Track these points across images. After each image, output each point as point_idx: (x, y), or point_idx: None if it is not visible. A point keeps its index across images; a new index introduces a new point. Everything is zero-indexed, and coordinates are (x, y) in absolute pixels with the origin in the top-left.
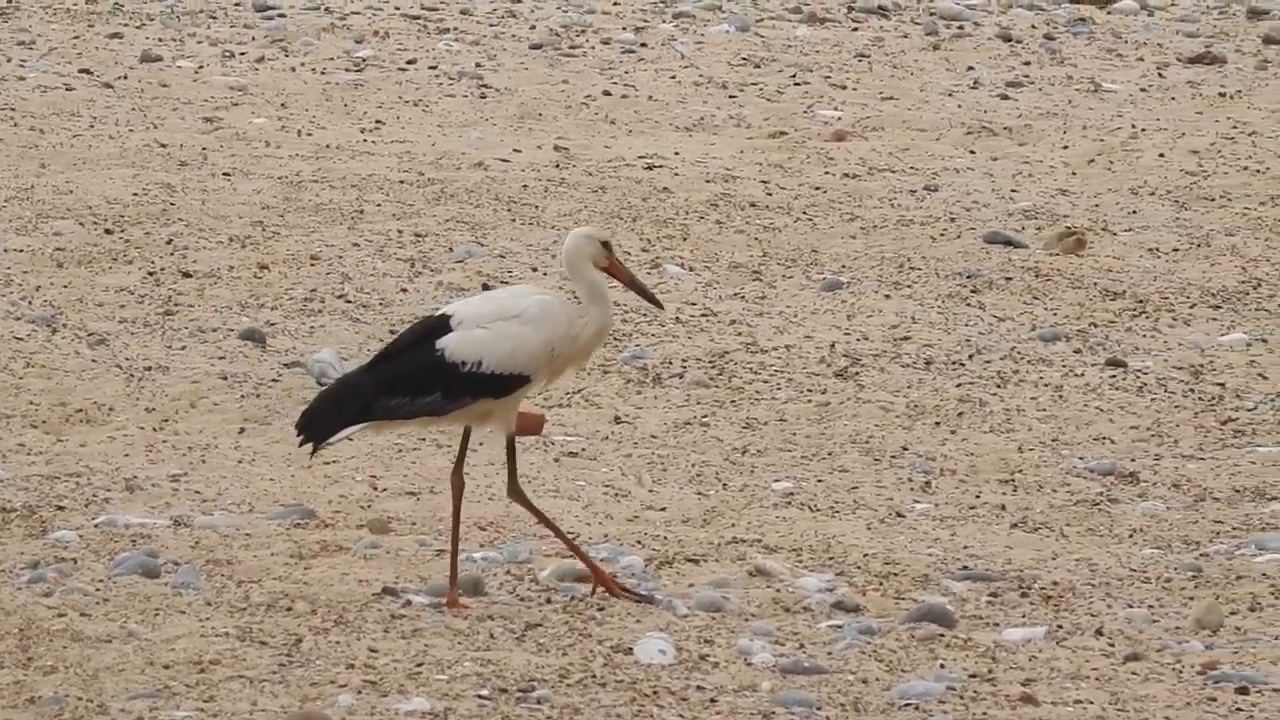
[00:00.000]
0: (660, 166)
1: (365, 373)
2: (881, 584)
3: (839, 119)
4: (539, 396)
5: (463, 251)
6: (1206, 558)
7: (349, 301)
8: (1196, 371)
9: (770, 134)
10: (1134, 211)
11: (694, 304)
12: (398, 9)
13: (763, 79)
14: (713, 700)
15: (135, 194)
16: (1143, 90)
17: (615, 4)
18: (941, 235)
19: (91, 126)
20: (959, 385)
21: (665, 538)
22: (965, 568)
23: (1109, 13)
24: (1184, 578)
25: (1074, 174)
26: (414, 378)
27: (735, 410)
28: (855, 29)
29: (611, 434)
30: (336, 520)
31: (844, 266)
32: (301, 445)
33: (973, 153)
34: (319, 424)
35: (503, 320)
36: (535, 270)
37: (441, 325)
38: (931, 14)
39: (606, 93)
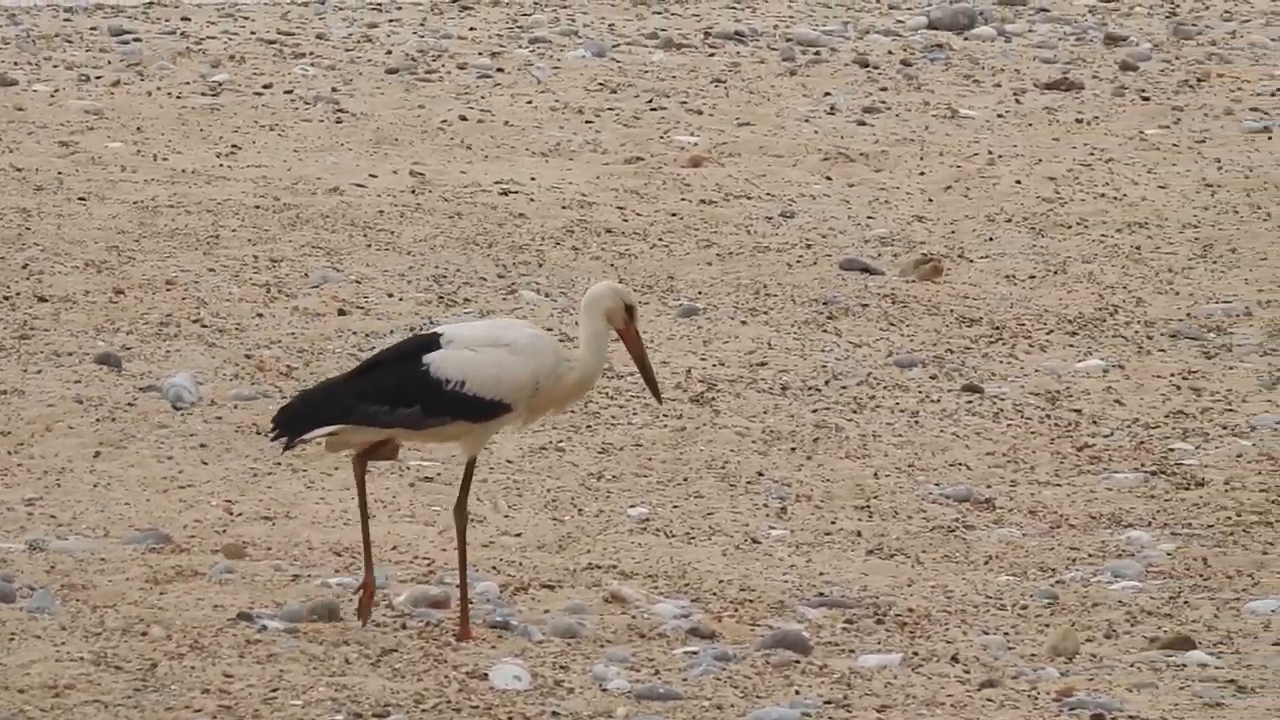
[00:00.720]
0: (516, 192)
1: (350, 378)
2: (737, 610)
3: (695, 144)
4: None
5: (318, 277)
6: (1062, 584)
7: (204, 326)
8: (1053, 398)
9: (626, 159)
10: (990, 238)
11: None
12: (254, 34)
13: (619, 104)
14: None
15: None
16: (1000, 116)
17: (471, 29)
18: (798, 262)
19: None
20: (815, 411)
21: (520, 564)
22: (821, 594)
23: (966, 39)
24: (1040, 604)
25: (930, 200)
26: (397, 388)
27: (591, 436)
28: (712, 54)
29: None
30: (192, 545)
31: (700, 293)
32: (274, 440)
33: (829, 179)
34: (296, 421)
35: (493, 346)
36: (391, 296)
37: (432, 342)
38: (788, 40)
39: (463, 118)
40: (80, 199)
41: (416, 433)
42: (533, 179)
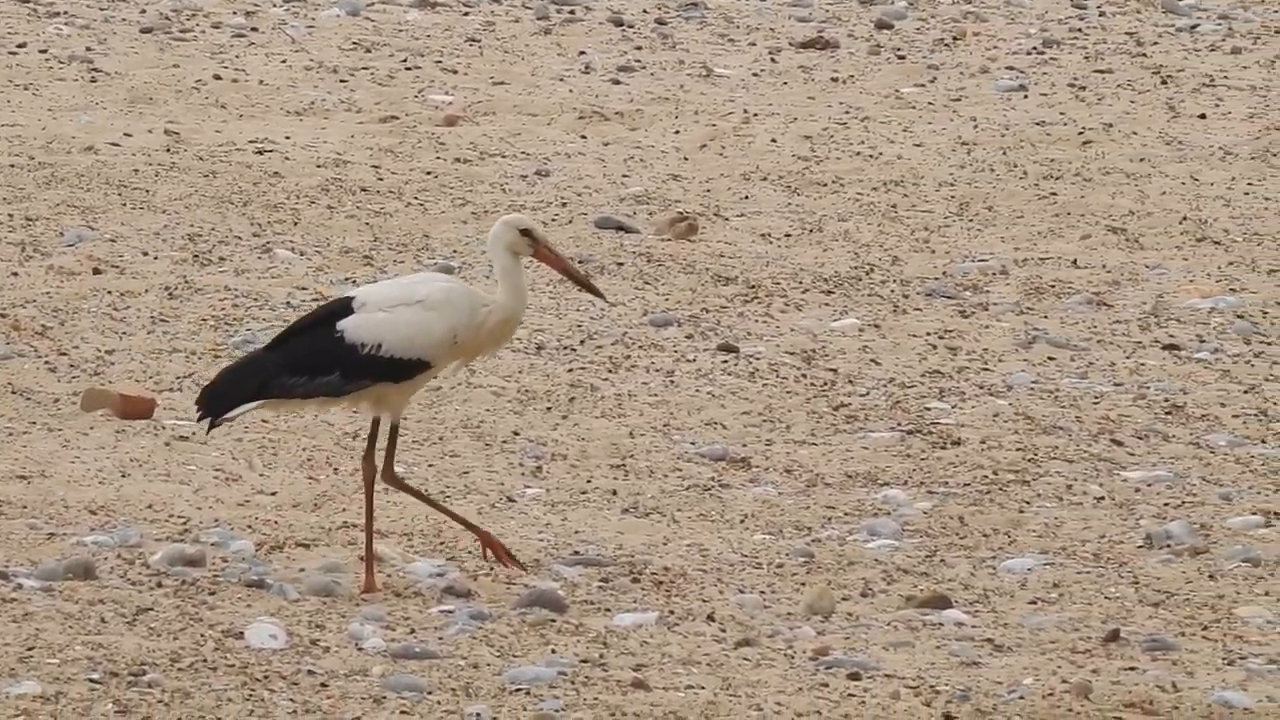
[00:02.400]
0: (271, 151)
1: (268, 350)
2: (493, 569)
3: (450, 103)
4: (147, 380)
5: (73, 236)
6: (819, 543)
7: None
8: (809, 357)
9: (381, 118)
10: (746, 197)
11: (305, 289)
12: None
13: (374, 63)
14: (324, 684)
15: None
16: (755, 75)
17: None
18: (553, 220)
19: None
20: (570, 370)
21: (276, 522)
22: (577, 553)
23: None
24: (796, 563)
25: (686, 159)
26: (313, 358)
27: None
28: (466, 13)
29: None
30: None
31: (455, 251)
32: (200, 420)
33: (584, 138)
34: (218, 399)
35: (404, 305)
36: (146, 254)
37: (344, 307)
38: None
39: (217, 77)
40: None
41: (338, 400)
42: (287, 138)
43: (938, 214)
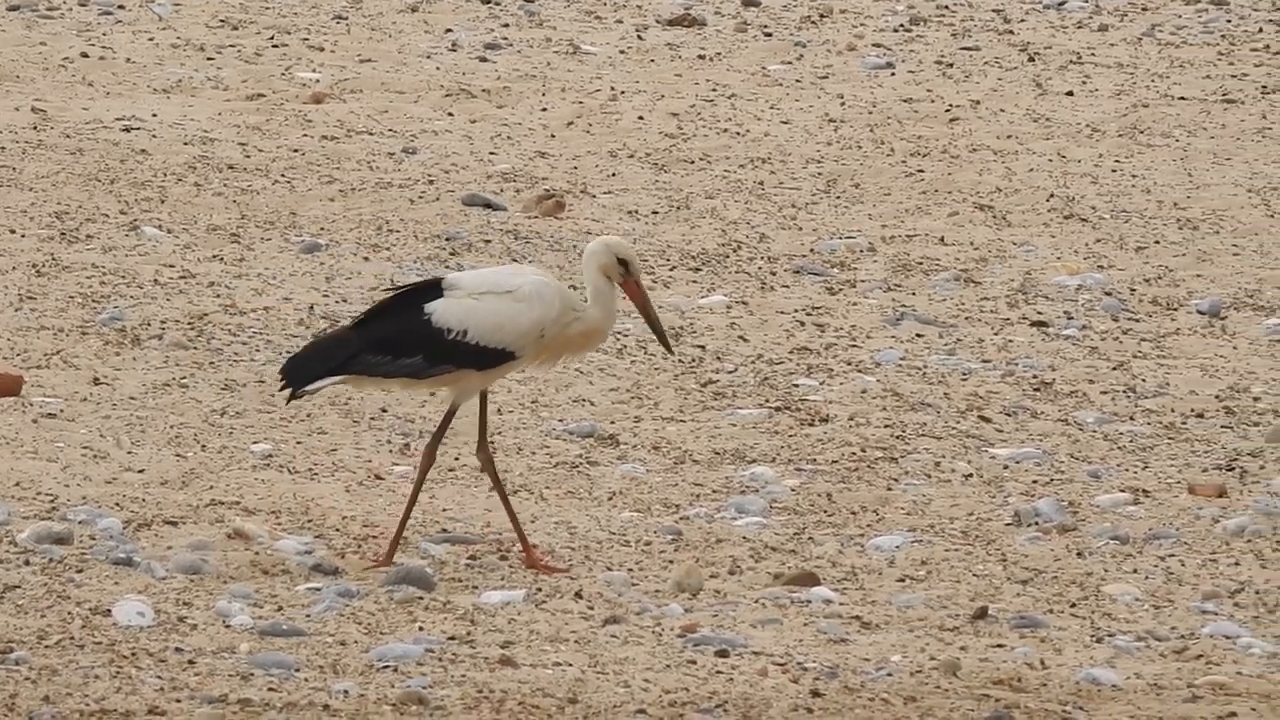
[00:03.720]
0: (138, 129)
1: (354, 327)
2: (360, 547)
3: (317, 81)
4: (15, 358)
5: None
6: (686, 521)
7: None
8: (676, 334)
9: (248, 96)
10: (613, 174)
11: (172, 266)
12: None
13: (241, 41)
14: (191, 662)
15: None
16: (622, 53)
17: None
18: (420, 198)
19: None
20: None
21: (144, 500)
22: (444, 530)
23: None
24: (664, 541)
25: (553, 136)
26: (399, 338)
27: (214, 372)
28: None
29: (90, 395)
30: None
31: (323, 229)
32: (281, 389)
33: (451, 115)
34: (301, 371)
35: (495, 294)
36: (13, 232)
37: (433, 289)
38: None
39: (84, 54)
40: None
41: (420, 382)
42: (155, 116)
43: (805, 191)
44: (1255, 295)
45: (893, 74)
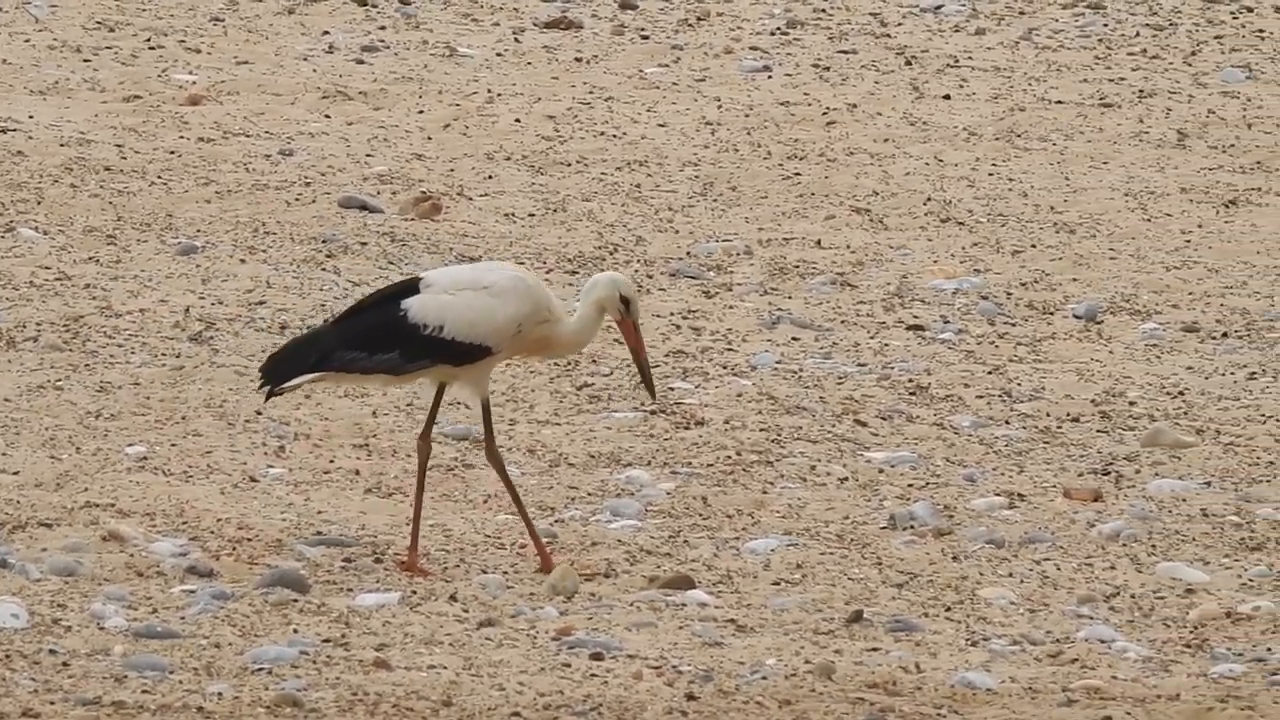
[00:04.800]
0: (14, 130)
1: (333, 324)
2: (235, 549)
3: (194, 83)
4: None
5: None
6: (562, 523)
7: None
8: None
9: (125, 98)
10: (490, 176)
11: (48, 268)
12: None
13: (117, 42)
14: (65, 664)
15: None
16: (499, 55)
17: None
18: (297, 200)
19: None
20: None
21: (18, 502)
22: (319, 533)
23: None
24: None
25: (430, 139)
26: (375, 334)
27: (89, 374)
28: None
29: None
30: None
31: (199, 231)
32: (260, 388)
33: (328, 117)
34: (279, 369)
35: (471, 290)
36: None
37: (410, 287)
38: None
39: None
40: None
41: (398, 378)
42: (31, 117)
43: (682, 194)
44: (1131, 299)
45: (770, 77)
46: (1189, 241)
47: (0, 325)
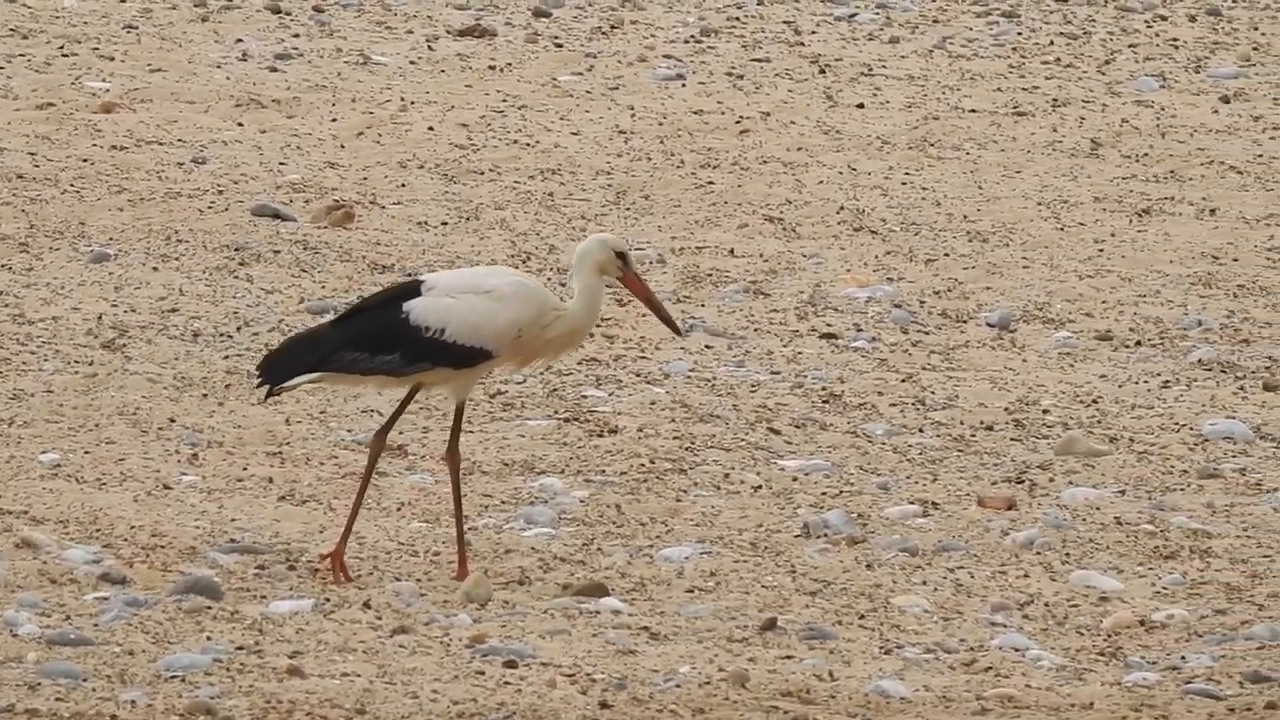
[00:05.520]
0: None
1: (333, 325)
2: (149, 556)
3: (108, 91)
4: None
5: None
6: (475, 531)
7: None
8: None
9: (38, 105)
10: (403, 185)
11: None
12: None
13: (30, 50)
14: None
15: None
16: (412, 63)
17: None
18: (210, 208)
19: None
20: (227, 358)
21: None
22: (233, 540)
23: None
24: (452, 551)
25: (343, 147)
26: (376, 336)
27: (2, 382)
28: (124, 0)
29: None
30: None
31: (112, 239)
32: (258, 386)
33: (241, 125)
34: (279, 368)
35: (473, 293)
36: None
37: (413, 289)
38: None
39: None
40: None
41: (397, 380)
42: None
43: (595, 202)
44: (1045, 308)
45: (683, 85)
46: (1102, 250)
47: None
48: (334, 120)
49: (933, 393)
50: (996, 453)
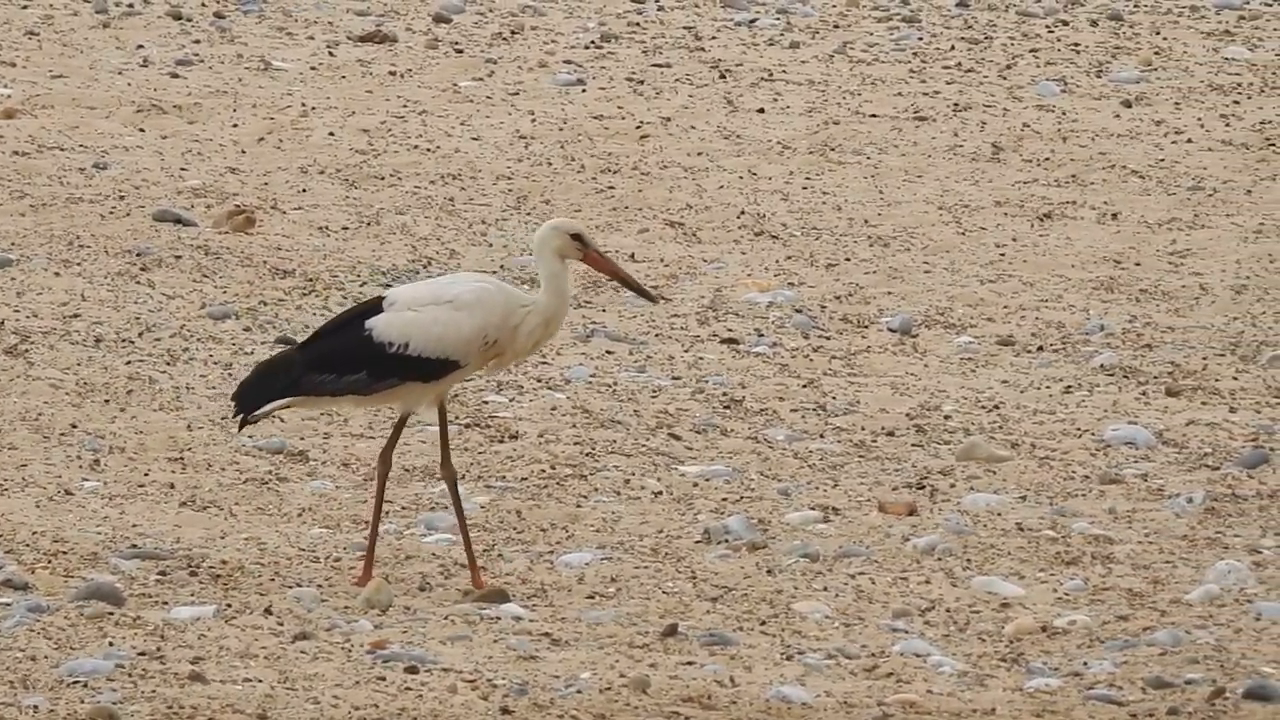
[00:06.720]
0: None
1: (299, 348)
2: (50, 562)
3: (9, 96)
4: None
5: None
6: (379, 538)
7: None
8: None
9: None
10: (304, 190)
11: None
12: None
13: None
14: None
15: None
16: (313, 69)
17: None
18: (111, 213)
19: None
20: (129, 363)
21: None
22: (135, 546)
23: None
24: (353, 557)
25: (244, 152)
26: (341, 355)
27: None
28: (25, 6)
29: None
30: None
31: (13, 244)
32: (234, 416)
33: (142, 131)
34: (250, 396)
35: (435, 305)
36: None
37: (374, 306)
38: None
39: None
40: None
41: (368, 398)
42: None
43: (495, 207)
44: (946, 313)
45: (584, 90)
46: (1003, 255)
47: None
48: (235, 126)
49: (834, 398)
50: (898, 458)
